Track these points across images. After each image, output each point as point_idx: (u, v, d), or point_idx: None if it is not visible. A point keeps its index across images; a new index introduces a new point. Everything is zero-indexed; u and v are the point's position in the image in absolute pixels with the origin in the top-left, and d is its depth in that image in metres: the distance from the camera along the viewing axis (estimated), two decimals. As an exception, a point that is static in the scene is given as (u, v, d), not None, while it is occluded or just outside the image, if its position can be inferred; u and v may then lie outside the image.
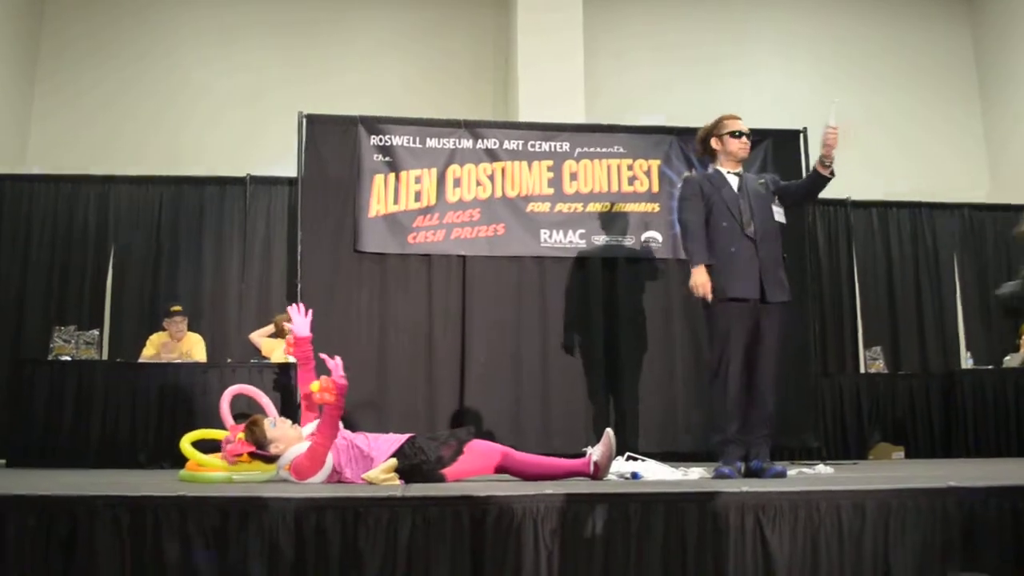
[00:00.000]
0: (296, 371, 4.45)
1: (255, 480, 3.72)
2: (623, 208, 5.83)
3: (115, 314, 6.57)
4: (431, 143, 5.69)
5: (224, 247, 6.66)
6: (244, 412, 4.57)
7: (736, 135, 3.84)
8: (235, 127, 7.24)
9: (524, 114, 6.34)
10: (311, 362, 3.79)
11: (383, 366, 5.45)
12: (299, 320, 3.78)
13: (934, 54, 7.93)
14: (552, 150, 5.82)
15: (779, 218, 3.86)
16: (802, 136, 6.09)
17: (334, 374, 3.31)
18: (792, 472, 3.87)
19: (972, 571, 2.28)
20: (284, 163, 6.27)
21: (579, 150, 5.84)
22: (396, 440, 3.46)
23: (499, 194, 5.73)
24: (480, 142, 5.77)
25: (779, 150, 5.99)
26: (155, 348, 6.01)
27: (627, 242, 5.80)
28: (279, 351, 5.84)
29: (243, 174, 6.69)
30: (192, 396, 5.42)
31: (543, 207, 5.76)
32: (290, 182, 6.28)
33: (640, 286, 5.71)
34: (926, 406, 6.00)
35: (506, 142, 5.79)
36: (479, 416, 5.39)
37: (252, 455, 3.56)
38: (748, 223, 3.74)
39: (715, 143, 3.90)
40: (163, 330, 6.10)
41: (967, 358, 6.62)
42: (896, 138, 7.69)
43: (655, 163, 5.89)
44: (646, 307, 5.67)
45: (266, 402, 4.67)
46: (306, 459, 3.32)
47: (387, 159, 5.61)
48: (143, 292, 6.55)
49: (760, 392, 3.67)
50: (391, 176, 5.58)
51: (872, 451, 5.93)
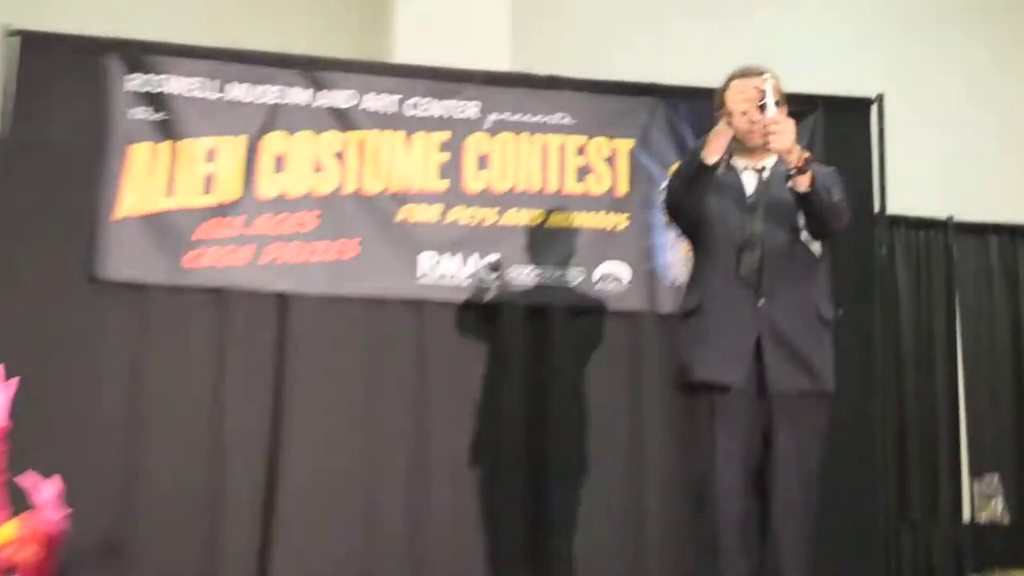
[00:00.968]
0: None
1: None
2: (567, 221, 4.98)
3: None
4: (236, 92, 4.72)
5: None
6: None
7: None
8: None
9: (403, 51, 5.31)
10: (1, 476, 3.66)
11: (135, 482, 4.54)
12: None
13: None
14: (448, 115, 4.93)
15: (813, 248, 3.43)
16: (876, 107, 5.23)
17: (43, 513, 3.35)
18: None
19: None
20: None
21: (495, 116, 4.95)
22: None
23: (352, 187, 4.78)
24: (323, 95, 4.82)
25: (835, 127, 5.24)
26: None
27: (571, 280, 4.96)
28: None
29: None
30: None
31: (428, 213, 4.85)
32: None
33: (590, 355, 4.93)
34: (1080, 582, 5.50)
35: (369, 97, 4.84)
36: (297, 562, 4.55)
37: None
38: (752, 254, 3.39)
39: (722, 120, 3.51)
40: None
41: None
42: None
43: (625, 144, 5.01)
44: (599, 389, 4.92)
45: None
46: None
47: (156, 116, 4.64)
48: None
49: (774, 534, 3.31)
50: (161, 147, 4.59)
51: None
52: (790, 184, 3.33)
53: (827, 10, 6.67)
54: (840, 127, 5.31)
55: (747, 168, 3.49)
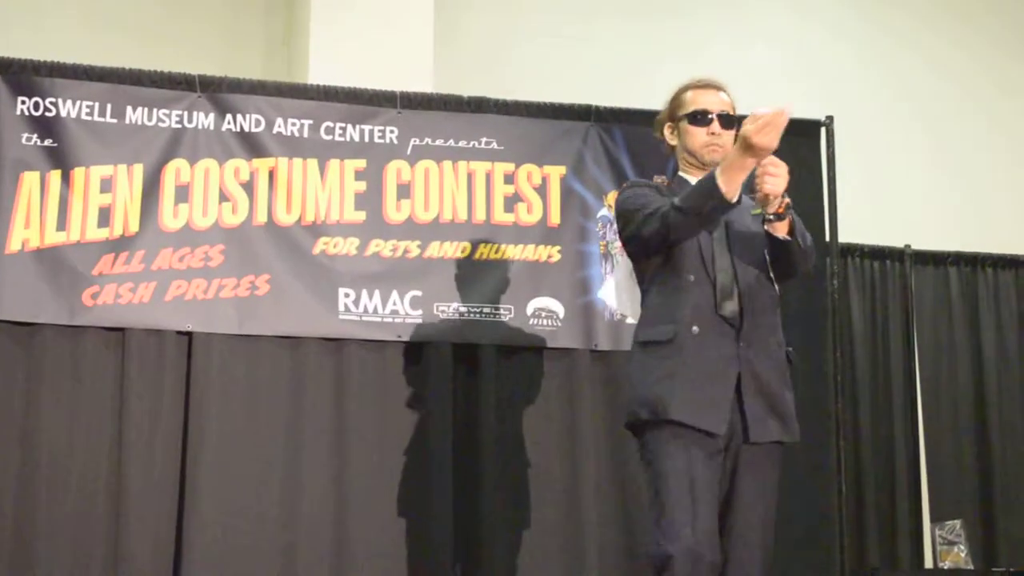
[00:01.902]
0: None
1: None
2: (496, 253, 5.10)
3: None
4: (135, 117, 4.75)
5: None
6: None
7: (699, 118, 3.53)
8: None
9: (316, 73, 5.40)
10: None
11: (29, 535, 4.54)
12: None
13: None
14: (367, 139, 4.99)
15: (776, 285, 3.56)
16: (825, 130, 5.41)
17: None
18: None
19: None
20: None
21: (416, 142, 5.03)
22: None
23: (262, 218, 4.83)
24: (230, 119, 4.85)
25: (782, 151, 5.10)
26: None
27: (502, 315, 5.04)
28: None
29: None
30: None
31: (346, 245, 4.92)
32: None
33: (524, 395, 5.02)
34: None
35: (280, 122, 4.90)
36: None
37: None
38: (727, 290, 3.42)
39: (668, 132, 3.61)
40: None
41: None
42: (983, 133, 6.94)
43: (556, 171, 5.12)
44: (534, 433, 5.00)
45: None
46: None
47: (48, 142, 4.67)
48: None
49: None
50: (53, 175, 4.64)
51: None
52: (767, 228, 3.40)
53: (776, 31, 6.89)
54: (787, 151, 5.26)
55: None
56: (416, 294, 4.94)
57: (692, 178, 3.49)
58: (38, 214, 4.66)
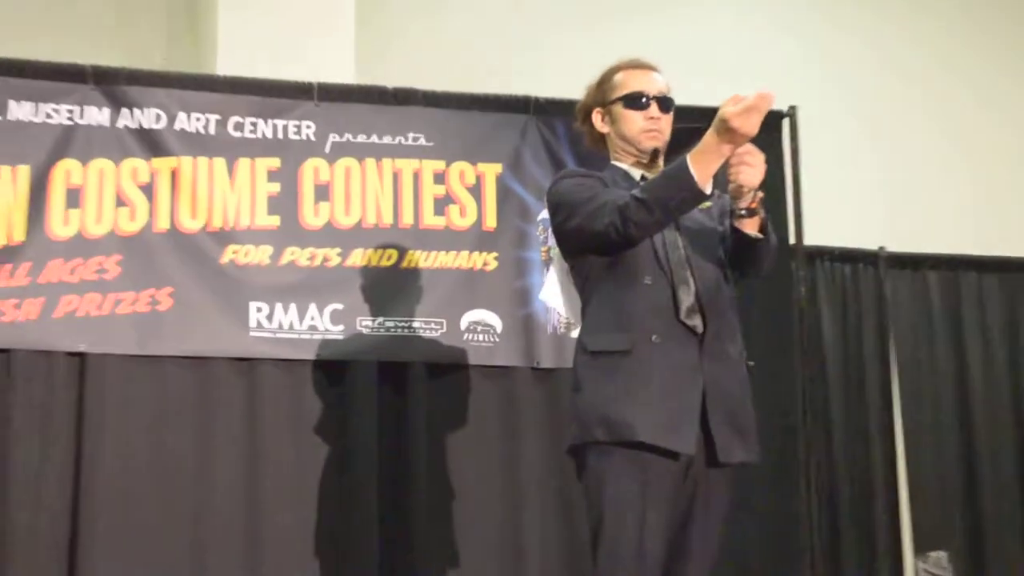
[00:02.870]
0: None
1: None
2: (426, 262, 5.10)
3: None
4: (18, 112, 4.74)
5: None
6: None
7: (637, 101, 3.48)
8: None
9: (224, 63, 5.42)
10: None
11: None
12: None
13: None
14: (280, 136, 4.99)
15: (731, 291, 3.59)
16: (788, 121, 5.44)
17: None
18: None
19: None
20: None
21: (335, 138, 5.06)
22: None
23: (163, 224, 4.80)
24: (126, 114, 4.83)
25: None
26: None
27: (431, 331, 5.05)
28: None
29: None
30: None
31: (258, 254, 4.91)
32: None
33: (457, 419, 5.02)
34: None
35: (183, 117, 4.89)
36: None
37: None
38: (686, 291, 3.41)
39: (599, 119, 3.55)
40: None
41: None
42: (968, 123, 7.09)
43: (492, 169, 5.17)
44: (468, 458, 5.03)
45: None
46: None
47: None
48: None
49: None
50: None
51: None
52: (735, 225, 3.39)
53: (733, 9, 6.98)
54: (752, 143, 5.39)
55: (644, 178, 3.47)
56: (337, 307, 4.90)
57: (629, 167, 3.52)
58: (-92, 222, 4.58)
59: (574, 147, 5.05)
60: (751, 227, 3.33)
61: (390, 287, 5.03)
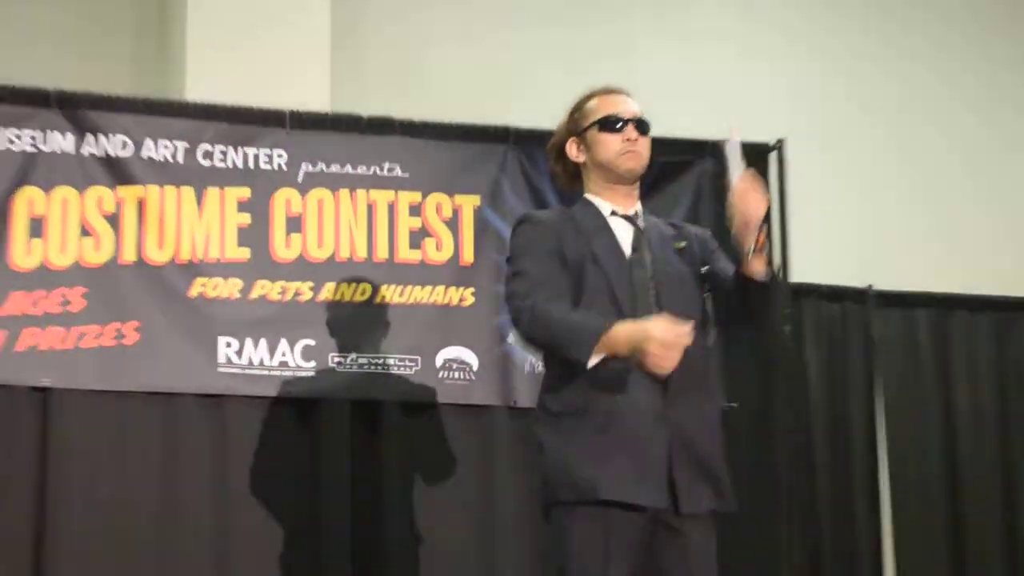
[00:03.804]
0: None
1: None
2: (401, 296, 5.26)
3: None
4: None
5: None
6: None
7: (612, 124, 3.59)
8: None
9: (194, 87, 5.58)
10: None
11: None
12: None
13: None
14: (251, 165, 5.17)
15: (708, 338, 3.83)
16: (776, 154, 5.66)
17: None
18: None
19: None
20: None
21: (308, 168, 5.21)
22: None
23: (130, 256, 4.95)
24: (91, 140, 4.99)
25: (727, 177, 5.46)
26: None
27: (406, 368, 5.22)
28: None
29: None
30: None
31: (228, 287, 5.06)
32: None
33: (431, 458, 5.22)
34: None
35: (148, 144, 5.04)
36: None
37: None
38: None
39: (574, 149, 3.69)
40: None
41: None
42: (956, 157, 7.38)
43: (470, 201, 5.37)
44: (443, 501, 5.19)
45: None
46: None
47: None
48: None
49: None
50: None
51: None
52: (742, 271, 3.49)
53: (723, 43, 7.24)
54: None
55: (615, 213, 3.59)
56: (308, 343, 5.06)
57: (600, 201, 3.60)
58: None
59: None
60: (760, 264, 3.46)
61: (363, 322, 5.17)
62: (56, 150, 4.94)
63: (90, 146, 5.00)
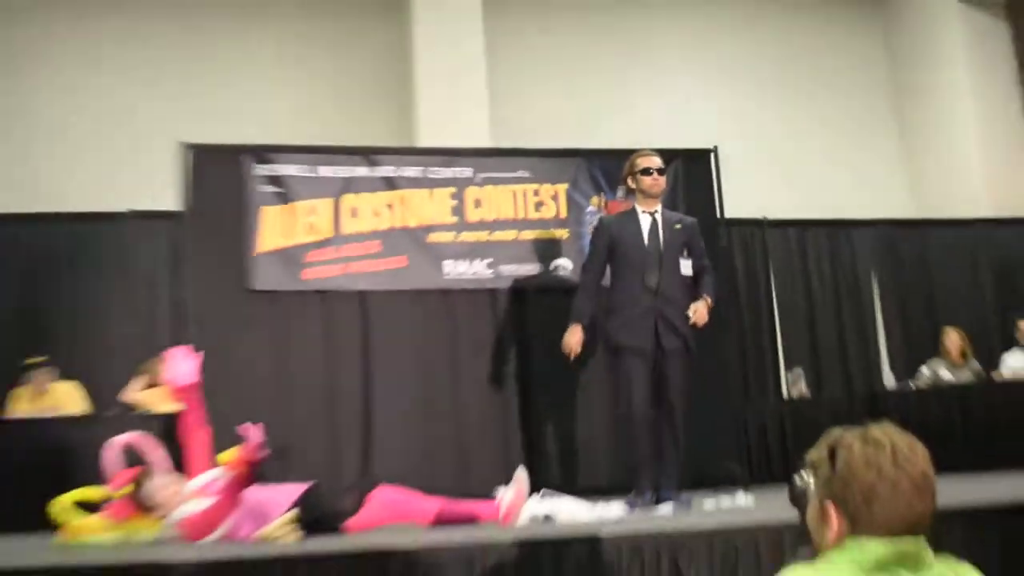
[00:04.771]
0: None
1: (140, 541, 4.53)
2: (530, 235, 7.24)
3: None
4: (324, 171, 6.97)
5: (100, 289, 8.03)
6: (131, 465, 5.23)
7: (646, 172, 5.23)
8: (105, 158, 8.76)
9: (424, 137, 7.88)
10: (200, 410, 4.54)
11: (281, 410, 6.51)
12: (181, 366, 4.57)
13: (849, 66, 10.21)
14: (454, 176, 7.18)
15: (685, 271, 5.23)
16: (713, 155, 7.54)
17: (249, 448, 4.06)
18: (710, 504, 5.26)
19: None
20: (162, 197, 7.60)
21: (482, 175, 7.19)
22: (294, 491, 4.29)
23: (399, 224, 7.01)
24: (377, 169, 7.06)
25: (690, 170, 7.60)
26: (24, 403, 7.28)
27: (536, 270, 7.18)
28: (162, 400, 6.97)
29: (121, 209, 8.07)
30: (66, 452, 6.38)
31: (446, 236, 7.09)
32: (169, 217, 7.59)
33: (551, 316, 6.52)
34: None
35: (404, 169, 7.09)
36: (388, 460, 6.58)
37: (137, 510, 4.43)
38: (650, 275, 5.16)
39: (631, 182, 5.31)
40: (27, 383, 7.32)
41: (889, 376, 8.51)
42: (812, 153, 9.85)
43: (562, 188, 7.34)
44: (559, 338, 6.07)
45: (156, 456, 5.29)
46: (202, 520, 4.18)
47: (277, 189, 6.88)
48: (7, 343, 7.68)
49: (671, 430, 5.13)
50: (281, 208, 6.87)
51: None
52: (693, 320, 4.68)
53: (682, 76, 9.36)
54: (693, 169, 7.57)
55: (644, 212, 5.03)
56: (488, 260, 7.06)
57: (641, 208, 5.03)
58: (274, 229, 6.71)
59: (603, 172, 7.13)
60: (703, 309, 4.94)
61: (514, 250, 7.06)
62: (360, 175, 7.05)
63: (377, 171, 7.06)
